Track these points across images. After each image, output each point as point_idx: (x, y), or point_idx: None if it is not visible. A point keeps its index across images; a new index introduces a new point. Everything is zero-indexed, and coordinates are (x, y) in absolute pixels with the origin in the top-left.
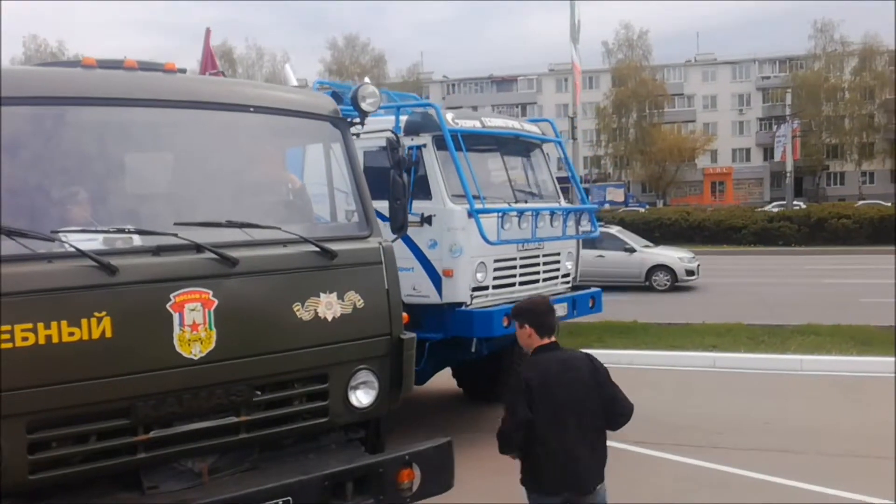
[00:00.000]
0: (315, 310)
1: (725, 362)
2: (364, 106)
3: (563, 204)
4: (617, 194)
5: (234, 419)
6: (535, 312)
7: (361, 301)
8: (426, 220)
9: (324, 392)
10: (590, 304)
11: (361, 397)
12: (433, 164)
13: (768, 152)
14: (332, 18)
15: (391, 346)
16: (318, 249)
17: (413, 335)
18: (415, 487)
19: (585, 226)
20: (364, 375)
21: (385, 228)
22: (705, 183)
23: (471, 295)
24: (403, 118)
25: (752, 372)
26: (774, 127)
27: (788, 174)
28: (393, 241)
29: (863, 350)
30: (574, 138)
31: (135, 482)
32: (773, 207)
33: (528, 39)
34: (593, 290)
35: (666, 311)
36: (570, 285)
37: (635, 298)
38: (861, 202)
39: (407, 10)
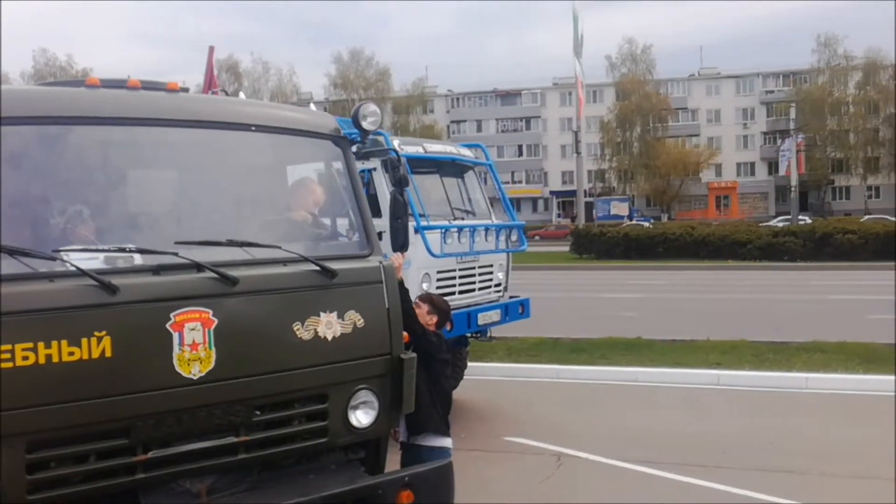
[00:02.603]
0: (315, 329)
1: (730, 380)
2: (365, 125)
3: (494, 220)
4: (621, 208)
5: (234, 439)
6: (447, 314)
7: (362, 320)
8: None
9: (323, 412)
10: (520, 311)
11: (361, 417)
12: (382, 185)
13: (773, 166)
14: (335, 32)
15: (391, 365)
16: (318, 268)
17: (413, 355)
18: None
19: (514, 240)
20: (364, 395)
21: None
22: (710, 197)
23: None
24: None
25: (757, 390)
26: (779, 141)
27: (793, 188)
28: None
29: (869, 368)
30: (578, 152)
31: (133, 503)
32: (777, 222)
33: (531, 53)
34: (522, 297)
35: (670, 328)
36: (500, 294)
37: (641, 314)
38: (867, 217)
39: (410, 23)
